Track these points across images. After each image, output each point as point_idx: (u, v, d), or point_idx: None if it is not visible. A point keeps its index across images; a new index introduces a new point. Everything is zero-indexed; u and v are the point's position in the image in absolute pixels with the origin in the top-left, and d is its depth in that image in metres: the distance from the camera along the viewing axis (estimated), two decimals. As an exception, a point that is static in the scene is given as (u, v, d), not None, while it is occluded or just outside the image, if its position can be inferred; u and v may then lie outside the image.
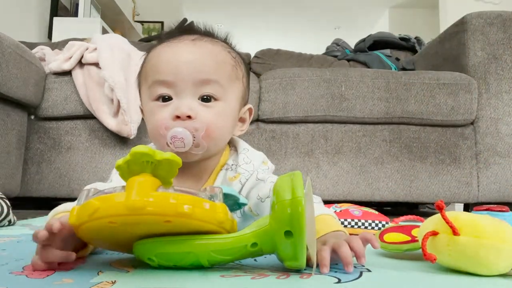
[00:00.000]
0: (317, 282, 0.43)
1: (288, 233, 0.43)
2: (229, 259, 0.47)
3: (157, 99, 0.62)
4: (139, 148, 0.42)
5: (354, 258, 0.48)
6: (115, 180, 0.65)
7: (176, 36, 0.65)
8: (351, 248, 0.47)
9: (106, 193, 0.42)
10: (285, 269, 0.48)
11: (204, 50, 0.63)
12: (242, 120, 0.70)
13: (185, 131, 0.58)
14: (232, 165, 0.67)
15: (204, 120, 0.60)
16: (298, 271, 0.48)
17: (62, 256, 0.45)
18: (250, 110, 0.71)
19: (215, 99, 0.62)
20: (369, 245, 0.50)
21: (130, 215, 0.40)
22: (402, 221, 0.65)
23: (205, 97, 0.61)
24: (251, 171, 0.66)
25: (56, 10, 3.19)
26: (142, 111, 0.70)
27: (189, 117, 0.59)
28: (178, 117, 0.59)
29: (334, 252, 0.48)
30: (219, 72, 0.62)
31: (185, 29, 0.68)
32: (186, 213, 0.41)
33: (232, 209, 0.59)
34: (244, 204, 0.59)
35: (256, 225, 0.47)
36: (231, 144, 0.72)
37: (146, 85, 0.64)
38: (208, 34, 0.67)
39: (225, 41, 0.68)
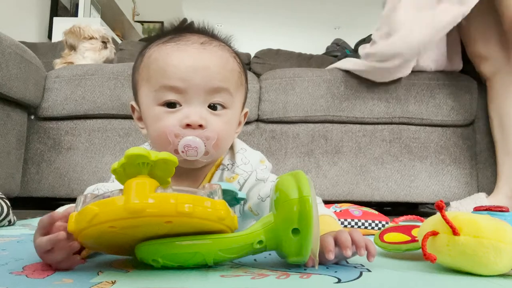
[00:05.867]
0: (317, 282, 0.43)
1: (295, 231, 0.44)
2: (234, 257, 0.48)
3: (163, 104, 0.60)
4: (134, 150, 0.42)
5: (355, 256, 0.48)
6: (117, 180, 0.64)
7: (182, 37, 0.62)
8: (351, 239, 0.48)
9: (104, 198, 0.42)
10: (285, 269, 0.48)
11: (215, 56, 0.61)
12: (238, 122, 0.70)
13: (199, 140, 0.58)
14: (228, 164, 0.66)
15: (215, 129, 0.59)
16: (298, 271, 0.48)
17: (66, 251, 0.45)
18: (245, 113, 0.71)
19: (224, 107, 0.61)
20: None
21: (130, 218, 0.40)
22: (402, 221, 0.65)
23: (213, 105, 0.60)
24: (250, 172, 0.65)
25: (56, 10, 3.20)
26: (132, 109, 0.68)
27: (200, 126, 0.58)
28: (188, 125, 0.58)
29: (335, 242, 0.49)
30: (229, 80, 0.61)
31: (192, 29, 0.65)
32: (186, 212, 0.41)
33: (230, 204, 0.59)
34: (243, 199, 0.59)
35: (261, 223, 0.48)
36: None
37: (151, 87, 0.61)
38: (214, 36, 0.65)
39: (229, 44, 0.67)
